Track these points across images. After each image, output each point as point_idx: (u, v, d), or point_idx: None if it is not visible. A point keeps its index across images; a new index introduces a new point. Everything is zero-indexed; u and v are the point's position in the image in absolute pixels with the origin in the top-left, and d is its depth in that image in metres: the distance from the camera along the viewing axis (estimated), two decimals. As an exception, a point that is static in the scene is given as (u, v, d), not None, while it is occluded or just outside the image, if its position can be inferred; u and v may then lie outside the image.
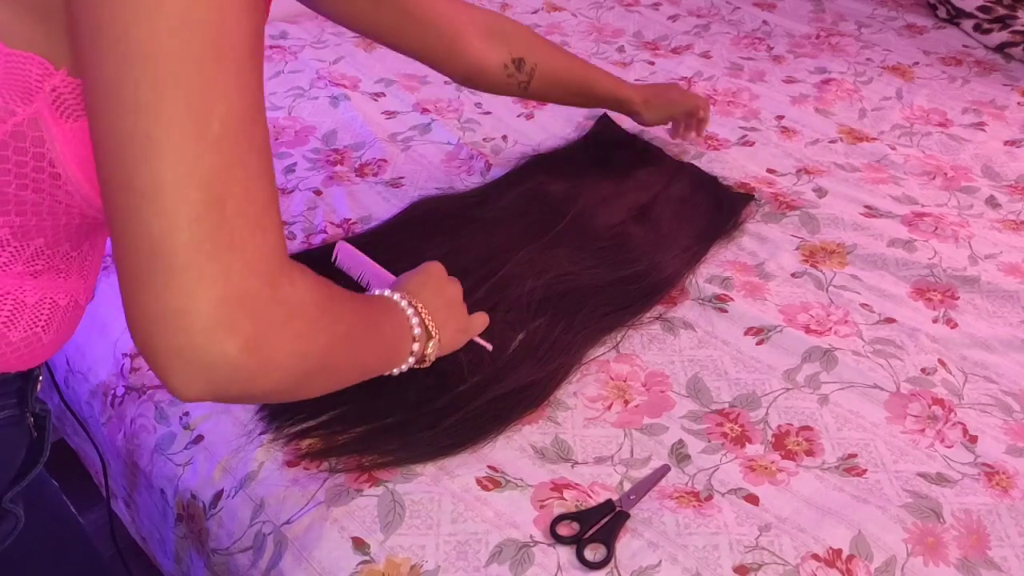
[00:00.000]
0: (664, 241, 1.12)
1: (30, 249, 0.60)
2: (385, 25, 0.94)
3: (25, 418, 0.70)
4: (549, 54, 1.07)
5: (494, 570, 0.76)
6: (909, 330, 1.02)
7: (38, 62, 0.52)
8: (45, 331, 0.64)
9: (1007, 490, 0.84)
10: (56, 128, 0.53)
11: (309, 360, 0.57)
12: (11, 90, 0.52)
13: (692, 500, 0.82)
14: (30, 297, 0.62)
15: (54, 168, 0.55)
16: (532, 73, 1.04)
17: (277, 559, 0.79)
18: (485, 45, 1.00)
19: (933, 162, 1.34)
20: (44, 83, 0.52)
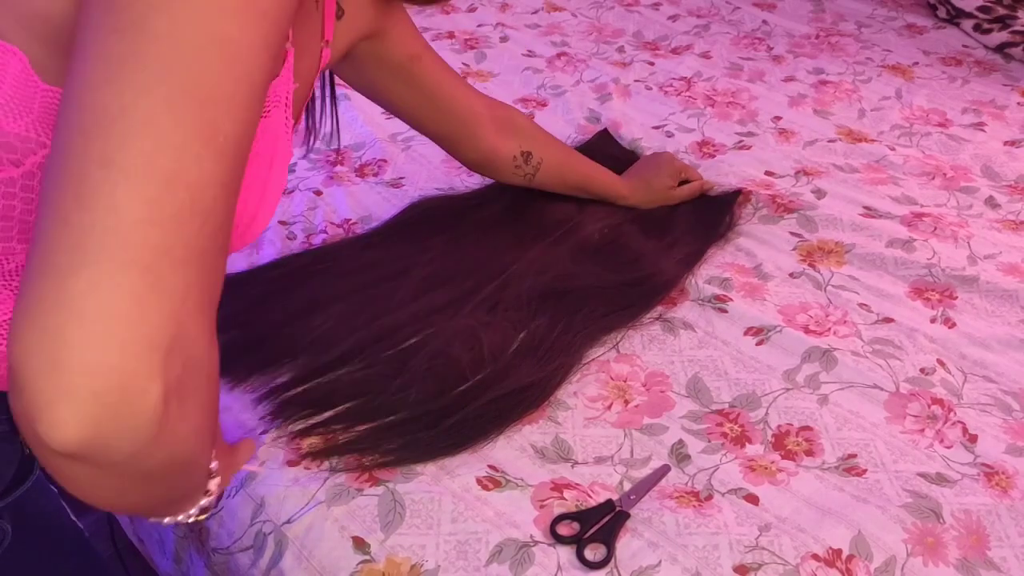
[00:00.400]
0: (664, 244, 1.12)
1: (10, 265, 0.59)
2: (411, 105, 0.98)
3: (17, 435, 0.70)
4: (554, 151, 1.13)
5: (494, 570, 0.76)
6: (908, 330, 1.02)
7: None
8: None
9: (1007, 490, 0.85)
10: None
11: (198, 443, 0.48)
12: (45, 123, 0.52)
13: (692, 500, 0.82)
14: None
15: None
16: (538, 167, 1.10)
17: (278, 558, 0.79)
18: (500, 138, 1.06)
19: (932, 162, 1.34)
20: None
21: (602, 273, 1.06)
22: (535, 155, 1.09)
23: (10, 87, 0.51)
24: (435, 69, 0.96)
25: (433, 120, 1.00)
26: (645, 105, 1.47)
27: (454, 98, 0.99)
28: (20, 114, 0.52)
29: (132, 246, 0.39)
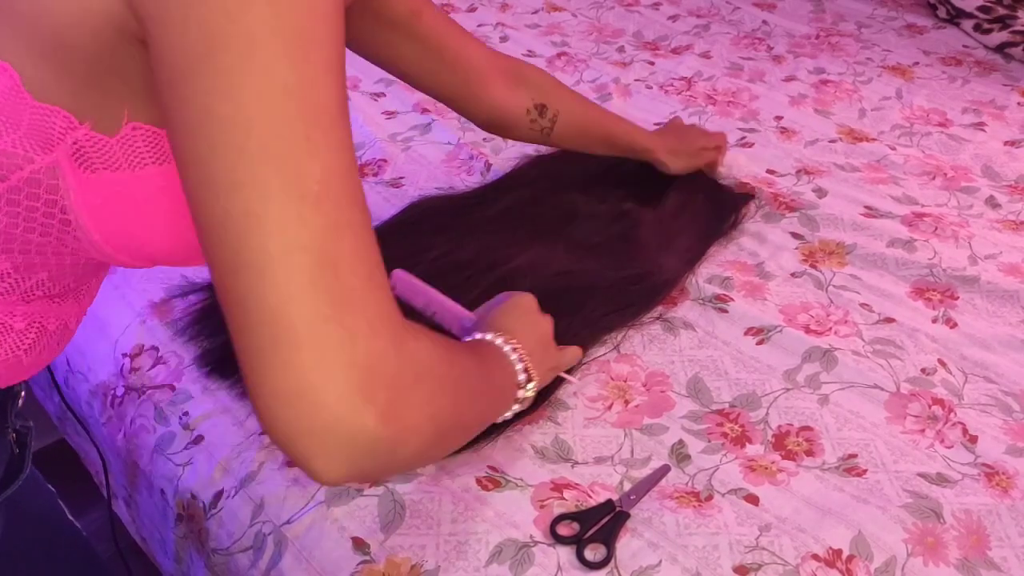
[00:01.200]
0: (665, 242, 1.12)
1: (30, 282, 0.61)
2: (414, 63, 0.94)
3: (6, 434, 0.70)
4: (572, 102, 1.07)
5: (494, 570, 0.76)
6: (909, 330, 1.02)
7: (63, 116, 0.52)
8: (27, 354, 0.64)
9: (1007, 490, 0.84)
10: (73, 178, 0.54)
11: (442, 421, 0.53)
12: (33, 139, 0.53)
13: (692, 500, 0.82)
14: (19, 322, 0.62)
15: (65, 215, 0.55)
16: (554, 120, 1.04)
17: (277, 559, 0.79)
18: (509, 91, 1.00)
19: (933, 162, 1.34)
20: (67, 135, 0.53)
21: (603, 271, 1.05)
22: (550, 107, 1.03)
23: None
24: (437, 23, 0.92)
25: (438, 78, 0.96)
26: (646, 104, 1.47)
27: (459, 53, 0.95)
28: (7, 130, 0.52)
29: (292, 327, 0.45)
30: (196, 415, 0.92)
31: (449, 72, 0.95)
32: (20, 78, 0.51)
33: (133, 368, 0.99)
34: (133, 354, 1.00)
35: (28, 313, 0.62)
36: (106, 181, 0.55)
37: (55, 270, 0.61)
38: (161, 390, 0.95)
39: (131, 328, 1.03)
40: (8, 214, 0.55)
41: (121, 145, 0.54)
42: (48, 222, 0.56)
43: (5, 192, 0.54)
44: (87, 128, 0.53)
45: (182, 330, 1.01)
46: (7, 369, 0.64)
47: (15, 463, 0.72)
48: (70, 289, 0.65)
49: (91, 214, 0.56)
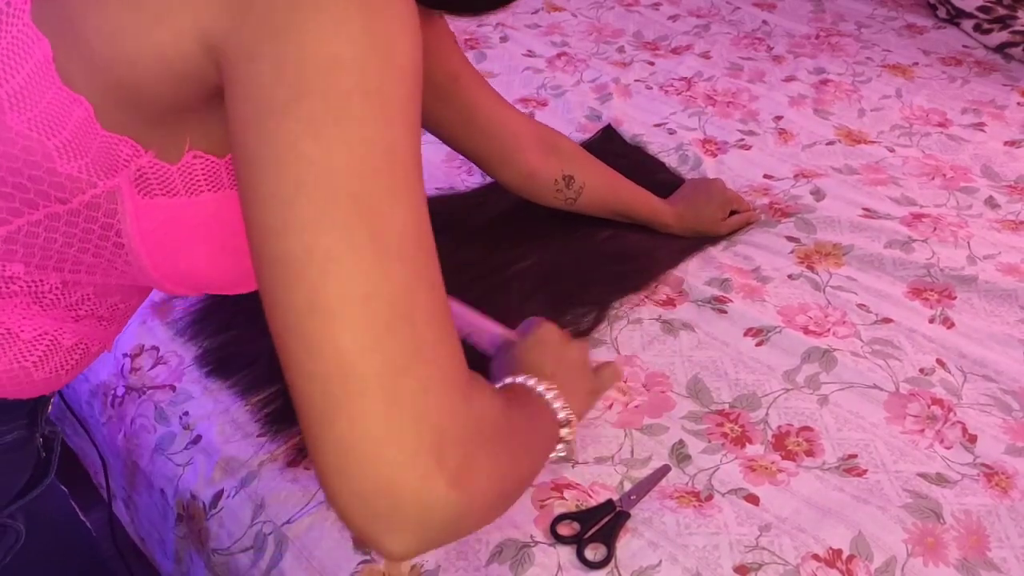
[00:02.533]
0: (663, 239, 1.12)
1: (76, 295, 0.62)
2: (449, 125, 0.95)
3: (35, 439, 0.71)
4: (598, 176, 1.08)
5: (494, 570, 0.76)
6: (907, 330, 1.02)
7: (130, 144, 0.53)
8: (68, 374, 0.66)
9: (1007, 491, 0.85)
10: (131, 203, 0.55)
11: (505, 480, 0.51)
12: (98, 166, 0.54)
13: (692, 500, 0.82)
14: (67, 340, 0.64)
15: (119, 238, 0.57)
16: (580, 192, 1.06)
17: (278, 559, 0.79)
18: (540, 159, 1.01)
19: (932, 162, 1.34)
20: (131, 163, 0.54)
21: (601, 267, 1.06)
22: (577, 179, 1.05)
23: (70, 132, 0.53)
24: (474, 88, 0.94)
25: (471, 140, 0.97)
26: (646, 104, 1.47)
27: (494, 118, 0.96)
28: (75, 157, 0.53)
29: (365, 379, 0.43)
30: (196, 415, 0.92)
31: (483, 136, 0.97)
32: (93, 110, 0.52)
33: (133, 368, 0.99)
34: (133, 354, 1.00)
35: (77, 332, 0.64)
36: (162, 207, 0.56)
37: (101, 288, 0.62)
38: (162, 390, 0.96)
39: (131, 328, 1.03)
40: (65, 235, 0.57)
41: (181, 172, 0.55)
42: (102, 244, 0.57)
43: (65, 214, 0.55)
44: (151, 156, 0.54)
45: (182, 330, 1.01)
46: (47, 384, 0.65)
47: (41, 467, 0.73)
48: (118, 311, 0.66)
49: (143, 238, 0.57)
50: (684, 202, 1.15)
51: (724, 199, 1.16)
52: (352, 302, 0.44)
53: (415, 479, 0.43)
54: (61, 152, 0.53)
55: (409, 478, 0.43)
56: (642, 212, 1.12)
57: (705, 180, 1.20)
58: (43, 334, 0.62)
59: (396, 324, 0.44)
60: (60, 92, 0.52)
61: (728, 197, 1.17)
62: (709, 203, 1.15)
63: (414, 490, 0.43)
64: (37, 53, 0.52)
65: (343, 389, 0.43)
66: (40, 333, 0.62)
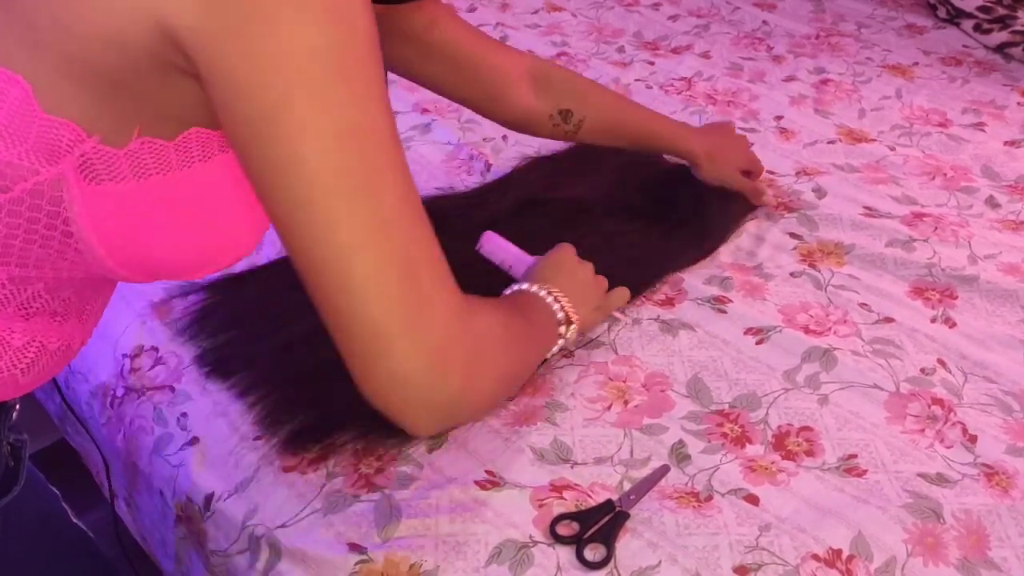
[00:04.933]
0: (667, 245, 1.12)
1: (27, 293, 0.60)
2: (434, 74, 0.94)
3: (1, 447, 0.70)
4: (599, 103, 1.05)
5: (494, 570, 0.76)
6: (908, 330, 1.02)
7: (71, 128, 0.52)
8: (24, 374, 0.64)
9: (1007, 490, 0.84)
10: (78, 190, 0.54)
11: (505, 375, 0.69)
12: (39, 151, 0.53)
13: (692, 500, 0.82)
14: (17, 339, 0.62)
15: (67, 227, 0.56)
16: (579, 125, 1.04)
17: (275, 560, 0.79)
18: (532, 95, 1.00)
19: (933, 162, 1.34)
20: (74, 148, 0.53)
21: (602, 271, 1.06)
22: (576, 112, 1.02)
23: (6, 115, 0.51)
24: (453, 31, 0.92)
25: (457, 85, 0.96)
26: (646, 104, 1.46)
27: (480, 60, 0.94)
28: (15, 142, 0.52)
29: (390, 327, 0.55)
30: (194, 416, 0.92)
31: (471, 80, 0.96)
32: (32, 90, 0.51)
33: (133, 369, 0.99)
34: (133, 355, 1.00)
35: (28, 330, 0.62)
36: (111, 192, 0.55)
37: (52, 283, 0.60)
38: (161, 391, 0.95)
39: (131, 328, 1.02)
40: (8, 225, 0.55)
41: (128, 157, 0.54)
42: (49, 234, 0.56)
43: (6, 203, 0.54)
44: (95, 141, 0.53)
45: (182, 330, 1.00)
46: (2, 387, 0.63)
47: (10, 476, 0.72)
48: (72, 306, 0.64)
49: (95, 226, 0.56)
50: (711, 137, 1.13)
51: (748, 157, 1.17)
52: (370, 282, 0.54)
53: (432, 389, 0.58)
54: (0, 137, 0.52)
55: (428, 390, 0.58)
56: (660, 137, 1.09)
57: (731, 130, 1.18)
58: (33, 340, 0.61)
59: (406, 287, 0.55)
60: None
61: (751, 158, 1.17)
62: (736, 152, 1.15)
63: (431, 395, 0.58)
64: None
65: (374, 343, 0.56)
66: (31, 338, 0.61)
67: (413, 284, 0.56)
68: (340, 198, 0.52)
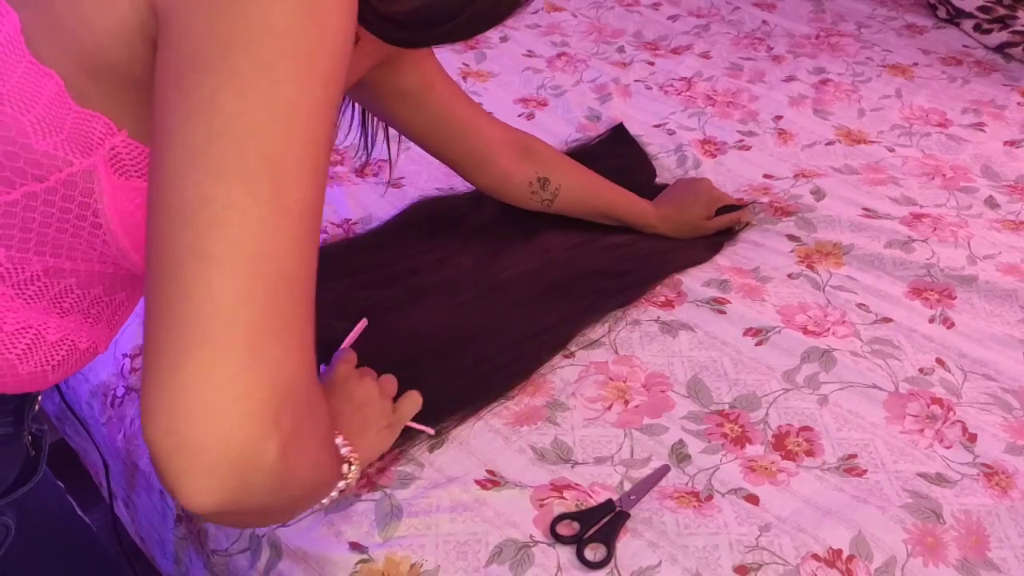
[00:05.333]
0: (665, 247, 1.12)
1: (59, 286, 0.61)
2: (424, 133, 0.96)
3: (22, 436, 0.71)
4: (574, 177, 1.09)
5: (494, 570, 0.76)
6: (906, 330, 1.02)
7: (103, 121, 0.54)
8: (55, 371, 0.65)
9: (1007, 490, 0.85)
10: (108, 182, 0.56)
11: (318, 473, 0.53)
12: (73, 143, 0.54)
13: (692, 500, 0.82)
14: (52, 335, 0.63)
15: (96, 218, 0.57)
16: (555, 194, 1.07)
17: (276, 560, 0.79)
18: (514, 163, 1.03)
19: (932, 162, 1.34)
20: (105, 141, 0.54)
21: (602, 273, 1.06)
22: (552, 181, 1.06)
23: (43, 107, 0.53)
24: (447, 96, 0.95)
25: (445, 146, 0.99)
26: (646, 104, 1.47)
27: (466, 125, 0.97)
28: (50, 133, 0.54)
29: (232, 328, 0.43)
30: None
31: (456, 143, 0.98)
32: (64, 84, 0.53)
33: (133, 368, 0.99)
34: (133, 354, 1.00)
35: (62, 327, 0.63)
36: (138, 188, 0.56)
37: (84, 277, 0.62)
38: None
39: (131, 328, 1.03)
40: (43, 214, 0.57)
41: None
42: (80, 224, 0.57)
43: (42, 192, 0.56)
44: (124, 135, 0.55)
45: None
46: (32, 380, 0.65)
47: (30, 465, 0.73)
48: (103, 308, 0.66)
49: (121, 220, 0.57)
50: (670, 203, 1.15)
51: (710, 198, 1.16)
52: (240, 255, 0.44)
53: (253, 436, 0.43)
54: (36, 128, 0.53)
55: (248, 434, 0.43)
56: (625, 213, 1.13)
57: (692, 180, 1.20)
58: (26, 327, 0.61)
59: (278, 288, 0.45)
60: (31, 66, 0.52)
61: (714, 196, 1.16)
62: (696, 203, 1.15)
63: (248, 447, 0.43)
64: (7, 26, 0.53)
65: (203, 334, 0.43)
66: (23, 326, 0.61)
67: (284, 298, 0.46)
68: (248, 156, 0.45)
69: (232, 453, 0.43)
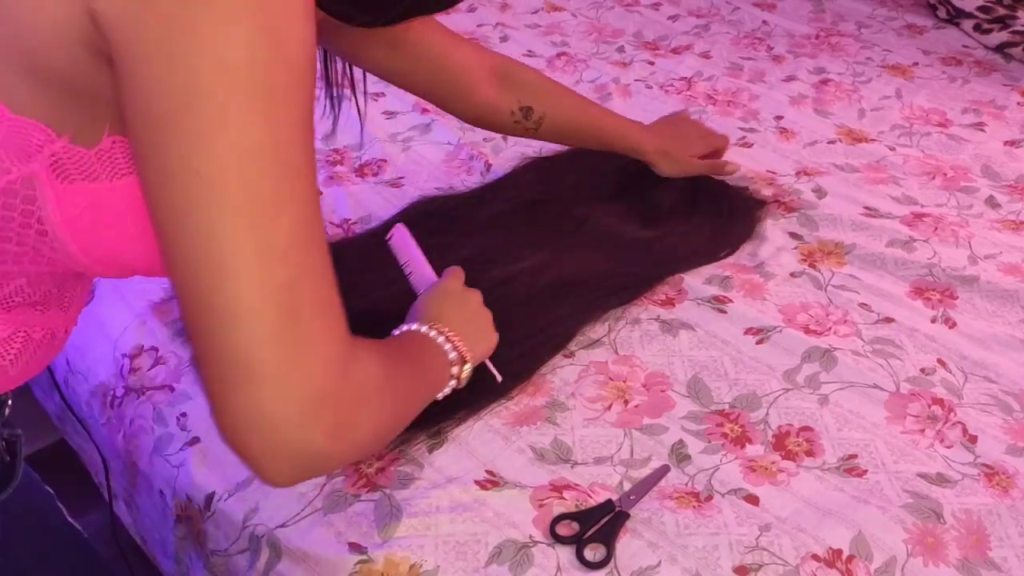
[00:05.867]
0: (670, 251, 1.12)
1: (8, 288, 0.60)
2: (398, 69, 0.94)
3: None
4: (559, 102, 1.07)
5: (494, 570, 0.76)
6: (908, 330, 1.02)
7: (40, 129, 0.52)
8: (13, 364, 0.64)
9: (1007, 490, 0.84)
10: (50, 189, 0.54)
11: (384, 428, 0.63)
12: (9, 151, 0.53)
13: (692, 500, 0.82)
14: (2, 331, 0.62)
15: (41, 225, 0.56)
16: (540, 122, 1.06)
17: (275, 561, 0.79)
18: (494, 91, 1.01)
19: (933, 162, 1.34)
20: (45, 148, 0.53)
21: (601, 273, 1.06)
22: (536, 110, 1.04)
23: None
24: (419, 29, 0.92)
25: (422, 80, 0.97)
26: (646, 104, 1.47)
27: (443, 56, 0.95)
28: None
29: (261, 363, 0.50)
30: (194, 416, 0.92)
31: (434, 76, 0.96)
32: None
33: (133, 368, 0.99)
34: (133, 354, 1.00)
35: (11, 320, 0.62)
36: (84, 191, 0.55)
37: (33, 277, 0.61)
38: (160, 391, 0.95)
39: (131, 328, 1.02)
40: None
41: (100, 157, 0.54)
42: (24, 232, 0.56)
43: None
44: (65, 141, 0.53)
45: (182, 330, 1.00)
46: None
47: (6, 471, 0.72)
48: (52, 296, 0.64)
49: (68, 224, 0.56)
50: (662, 132, 1.15)
51: (702, 133, 1.16)
52: (241, 305, 0.49)
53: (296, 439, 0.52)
54: None
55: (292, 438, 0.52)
56: (615, 138, 1.11)
57: (685, 118, 1.19)
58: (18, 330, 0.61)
59: (284, 323, 0.50)
60: None
61: (705, 132, 1.16)
62: (688, 134, 1.15)
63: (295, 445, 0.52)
64: None
65: (238, 376, 0.51)
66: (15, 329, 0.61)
67: (293, 322, 0.51)
68: (227, 214, 0.48)
69: (289, 451, 0.53)
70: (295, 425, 0.52)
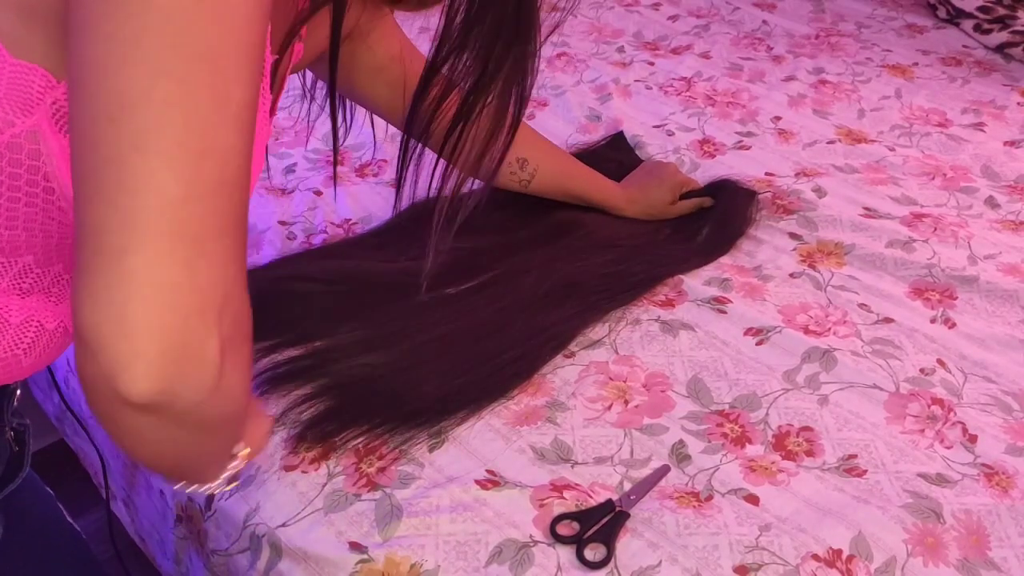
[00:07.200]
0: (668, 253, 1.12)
1: (18, 266, 0.59)
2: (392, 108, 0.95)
3: (4, 432, 0.70)
4: (551, 158, 1.10)
5: (494, 570, 0.76)
6: (907, 330, 1.02)
7: (41, 74, 0.50)
8: (27, 354, 0.63)
9: (1007, 490, 0.84)
10: (54, 141, 0.52)
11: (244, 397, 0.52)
12: (12, 101, 0.51)
13: (692, 500, 0.82)
14: (15, 317, 0.61)
15: (48, 182, 0.54)
16: (533, 174, 1.08)
17: (276, 560, 0.79)
18: None
19: (932, 162, 1.34)
20: (46, 95, 0.51)
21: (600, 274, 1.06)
22: (531, 162, 1.07)
23: None
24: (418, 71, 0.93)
25: None
26: (645, 104, 1.47)
27: None
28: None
29: (178, 222, 0.43)
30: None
31: None
32: None
33: (133, 368, 0.99)
34: (133, 354, 1.00)
35: (24, 307, 0.61)
36: None
37: (41, 252, 0.59)
38: (161, 390, 0.95)
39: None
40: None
41: None
42: (32, 190, 0.54)
43: None
44: (65, 87, 0.50)
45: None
46: (5, 368, 0.63)
47: (14, 461, 0.72)
48: (63, 282, 0.63)
49: None
50: (635, 186, 1.17)
51: (674, 183, 1.17)
52: (185, 153, 0.43)
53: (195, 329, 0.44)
54: None
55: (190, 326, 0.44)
56: (594, 195, 1.14)
57: (658, 164, 1.21)
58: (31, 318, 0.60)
59: (221, 190, 0.44)
60: None
61: (679, 181, 1.18)
62: (660, 186, 1.17)
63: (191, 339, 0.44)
64: None
65: (150, 226, 0.42)
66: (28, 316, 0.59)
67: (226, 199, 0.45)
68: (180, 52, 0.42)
69: (174, 342, 0.43)
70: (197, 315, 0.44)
